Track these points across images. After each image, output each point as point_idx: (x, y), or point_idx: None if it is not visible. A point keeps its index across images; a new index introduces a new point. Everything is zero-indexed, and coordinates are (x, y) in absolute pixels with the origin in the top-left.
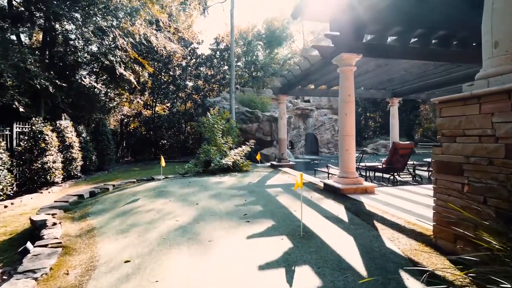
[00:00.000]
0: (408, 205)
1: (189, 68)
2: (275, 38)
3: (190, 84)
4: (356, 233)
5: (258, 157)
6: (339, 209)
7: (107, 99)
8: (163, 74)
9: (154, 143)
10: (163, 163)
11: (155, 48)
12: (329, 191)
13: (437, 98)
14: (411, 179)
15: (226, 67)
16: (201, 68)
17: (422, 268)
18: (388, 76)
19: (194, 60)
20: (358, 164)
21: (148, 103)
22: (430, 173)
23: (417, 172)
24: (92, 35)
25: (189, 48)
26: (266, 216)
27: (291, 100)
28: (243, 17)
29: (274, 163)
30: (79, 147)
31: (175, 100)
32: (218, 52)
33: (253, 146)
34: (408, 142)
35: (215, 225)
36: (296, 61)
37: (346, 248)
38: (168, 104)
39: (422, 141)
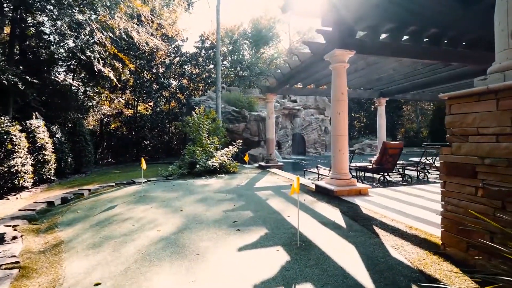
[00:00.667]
0: (405, 207)
1: (173, 66)
2: (262, 37)
3: (174, 83)
4: (357, 241)
5: (246, 158)
6: (335, 214)
7: (85, 98)
8: (145, 72)
9: (136, 143)
10: (144, 165)
11: (137, 44)
12: (321, 193)
13: (446, 94)
14: (400, 179)
15: (211, 66)
16: (186, 67)
17: (443, 286)
18: (376, 76)
19: (178, 58)
20: (348, 164)
21: (130, 102)
22: (419, 172)
23: (406, 172)
24: (68, 29)
25: (173, 46)
26: (257, 223)
27: (278, 99)
28: (229, 16)
29: (262, 163)
30: (52, 148)
31: (159, 99)
32: (203, 50)
33: (240, 147)
34: (397, 142)
35: (202, 235)
36: (282, 61)
37: (349, 259)
38: (151, 103)
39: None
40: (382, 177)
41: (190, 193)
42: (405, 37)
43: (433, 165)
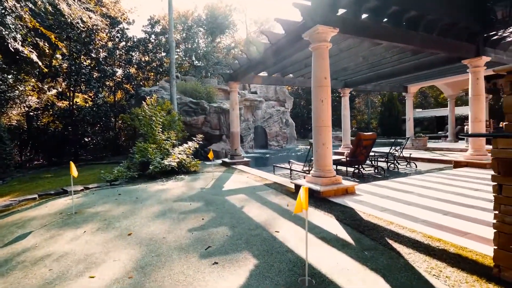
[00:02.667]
0: (404, 208)
1: (118, 52)
2: (218, 25)
3: (119, 71)
4: (380, 267)
5: (210, 155)
6: (331, 223)
7: (4, 87)
8: (83, 57)
9: (74, 141)
10: (74, 172)
11: (69, 20)
12: None
13: (503, 67)
14: (373, 171)
15: (163, 53)
16: (133, 53)
17: None
18: (345, 64)
19: (124, 42)
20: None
21: (65, 92)
22: (389, 164)
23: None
24: None
25: (116, 28)
26: (240, 248)
27: (238, 91)
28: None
29: (226, 160)
30: None
31: (100, 89)
32: (153, 36)
33: (201, 142)
34: (371, 133)
35: (163, 279)
36: (240, 51)
37: None
38: (91, 94)
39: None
40: (356, 170)
41: (143, 205)
42: (384, 20)
43: (401, 155)
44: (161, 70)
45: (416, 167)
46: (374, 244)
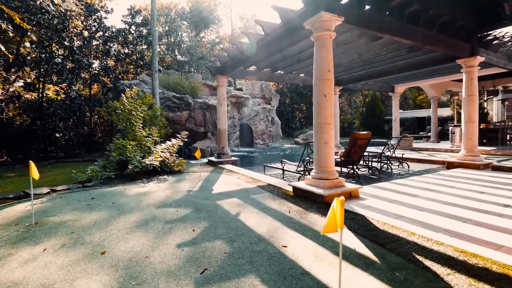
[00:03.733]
0: (418, 214)
1: (95, 42)
2: (202, 19)
3: (96, 63)
4: None
5: (197, 154)
6: (344, 234)
7: None
8: (55, 45)
9: (42, 137)
10: (35, 173)
11: (38, 1)
12: (304, 198)
13: None
14: (367, 171)
15: (144, 46)
16: (112, 44)
17: None
18: (338, 61)
19: (101, 32)
20: (308, 155)
21: (33, 83)
22: (382, 164)
23: (367, 163)
24: None
25: (93, 17)
26: (243, 270)
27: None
28: None
29: (213, 159)
30: None
31: (74, 81)
32: (133, 27)
33: (186, 139)
34: (366, 132)
35: None
36: (224, 46)
37: None
38: (64, 86)
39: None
40: (351, 171)
41: (120, 212)
42: (386, 13)
43: (393, 155)
44: (141, 63)
45: (409, 167)
46: (402, 262)
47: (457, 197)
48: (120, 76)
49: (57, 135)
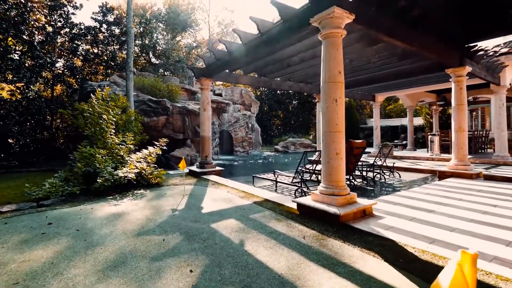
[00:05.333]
0: (452, 236)
1: (60, 39)
2: (180, 22)
3: (61, 61)
4: None
5: (182, 165)
6: (382, 268)
7: None
8: (11, 38)
9: None
10: None
11: None
12: (313, 217)
13: None
14: (361, 182)
15: (117, 46)
16: (80, 43)
17: None
18: None
19: (68, 29)
20: (303, 166)
21: None
22: (375, 174)
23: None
24: None
25: (59, 12)
26: None
27: None
28: None
29: (195, 169)
30: None
31: (34, 80)
32: (105, 25)
33: (165, 147)
34: (361, 141)
35: None
36: (202, 52)
37: None
38: (21, 85)
39: None
40: (347, 182)
41: (88, 244)
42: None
43: (384, 164)
44: (113, 64)
45: (400, 177)
46: None
47: (474, 212)
48: (88, 77)
49: (10, 140)
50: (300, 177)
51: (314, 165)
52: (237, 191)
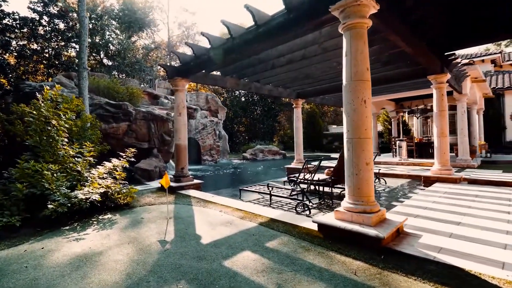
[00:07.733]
0: (506, 255)
1: None
2: (136, 21)
3: None
4: None
5: (165, 182)
6: None
7: None
8: None
9: None
10: None
11: None
12: (345, 242)
13: None
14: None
15: (62, 43)
16: (12, 36)
17: None
18: (309, 71)
19: None
20: (297, 177)
21: None
22: None
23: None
24: None
25: None
26: None
27: (166, 95)
28: None
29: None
30: None
31: None
32: (46, 17)
33: (132, 159)
34: None
35: None
36: (161, 55)
37: None
38: None
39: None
40: (343, 191)
41: None
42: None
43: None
44: (57, 62)
45: (386, 183)
46: None
47: (501, 222)
48: (25, 77)
49: None
50: (302, 189)
51: (312, 174)
52: (232, 210)
